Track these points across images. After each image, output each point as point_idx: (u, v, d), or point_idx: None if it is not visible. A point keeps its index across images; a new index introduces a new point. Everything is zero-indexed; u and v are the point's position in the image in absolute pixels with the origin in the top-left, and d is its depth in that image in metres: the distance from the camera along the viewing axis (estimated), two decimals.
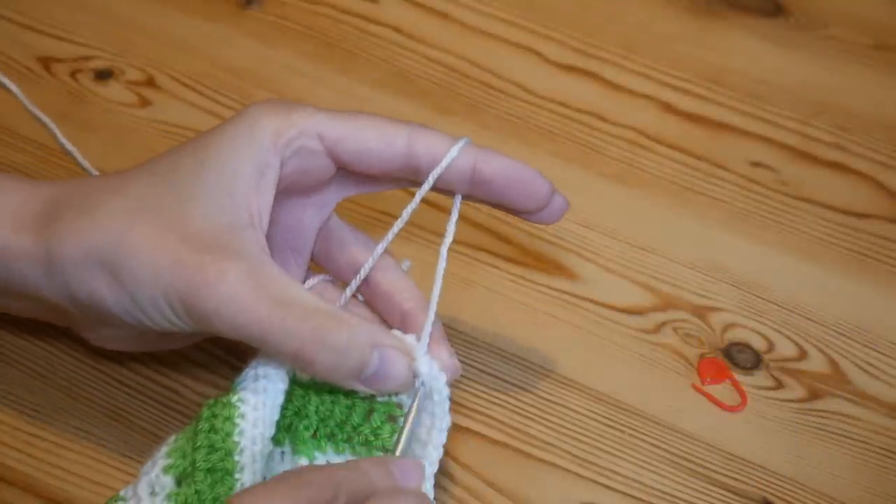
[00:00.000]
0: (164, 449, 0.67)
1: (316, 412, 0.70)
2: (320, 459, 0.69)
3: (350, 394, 0.70)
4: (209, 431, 0.67)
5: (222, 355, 0.78)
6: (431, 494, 0.68)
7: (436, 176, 0.71)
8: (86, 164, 0.83)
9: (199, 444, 0.66)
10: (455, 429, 0.75)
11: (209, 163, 0.69)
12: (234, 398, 0.68)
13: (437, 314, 0.71)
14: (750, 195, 0.88)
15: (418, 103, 0.92)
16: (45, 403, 0.75)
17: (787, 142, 0.91)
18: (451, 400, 0.70)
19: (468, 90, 0.93)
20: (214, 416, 0.67)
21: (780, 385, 0.79)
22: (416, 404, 0.69)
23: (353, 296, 0.74)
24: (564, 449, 0.76)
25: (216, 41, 0.94)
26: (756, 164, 0.90)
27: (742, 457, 0.76)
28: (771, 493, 0.74)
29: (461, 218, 0.85)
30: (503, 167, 0.72)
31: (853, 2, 0.99)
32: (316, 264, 0.76)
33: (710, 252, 0.85)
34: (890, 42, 0.97)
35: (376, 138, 0.71)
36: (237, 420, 0.67)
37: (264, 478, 0.67)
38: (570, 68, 0.95)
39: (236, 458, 0.66)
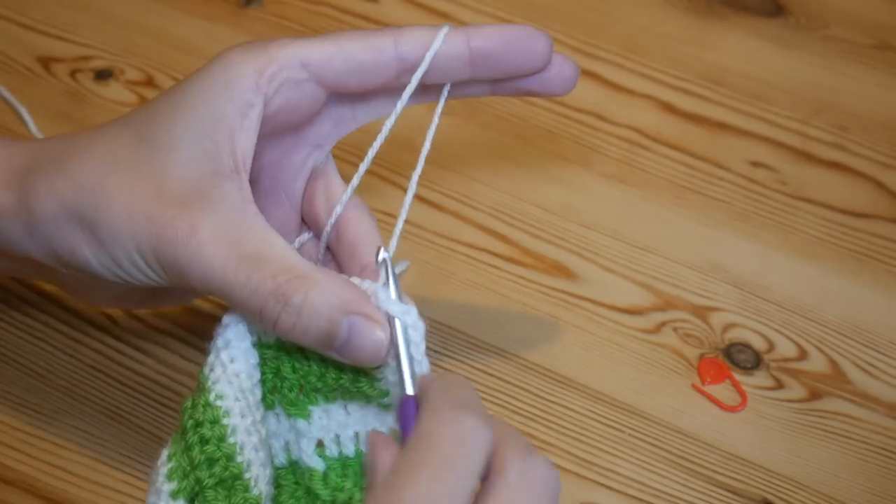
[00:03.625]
0: (163, 471, 0.65)
1: (293, 371, 0.67)
2: (316, 412, 0.67)
3: None
4: (201, 443, 0.64)
5: None
6: None
7: (430, 58, 0.69)
8: None
9: (195, 460, 0.64)
10: None
11: (186, 110, 0.66)
12: (212, 396, 0.65)
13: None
14: (750, 195, 0.88)
15: None
16: (44, 403, 0.75)
17: (787, 142, 0.91)
18: None
19: None
20: (199, 424, 0.65)
21: (780, 385, 0.79)
22: (402, 340, 0.64)
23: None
24: (564, 449, 0.76)
25: (216, 41, 0.94)
26: (756, 164, 0.90)
27: (742, 457, 0.76)
28: (771, 493, 0.74)
29: (461, 218, 0.85)
30: (496, 32, 0.69)
31: (853, 2, 0.99)
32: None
33: (710, 252, 0.85)
34: (890, 42, 0.97)
35: (363, 50, 0.68)
36: (224, 421, 0.64)
37: (270, 456, 0.66)
38: None
39: (239, 459, 0.64)
